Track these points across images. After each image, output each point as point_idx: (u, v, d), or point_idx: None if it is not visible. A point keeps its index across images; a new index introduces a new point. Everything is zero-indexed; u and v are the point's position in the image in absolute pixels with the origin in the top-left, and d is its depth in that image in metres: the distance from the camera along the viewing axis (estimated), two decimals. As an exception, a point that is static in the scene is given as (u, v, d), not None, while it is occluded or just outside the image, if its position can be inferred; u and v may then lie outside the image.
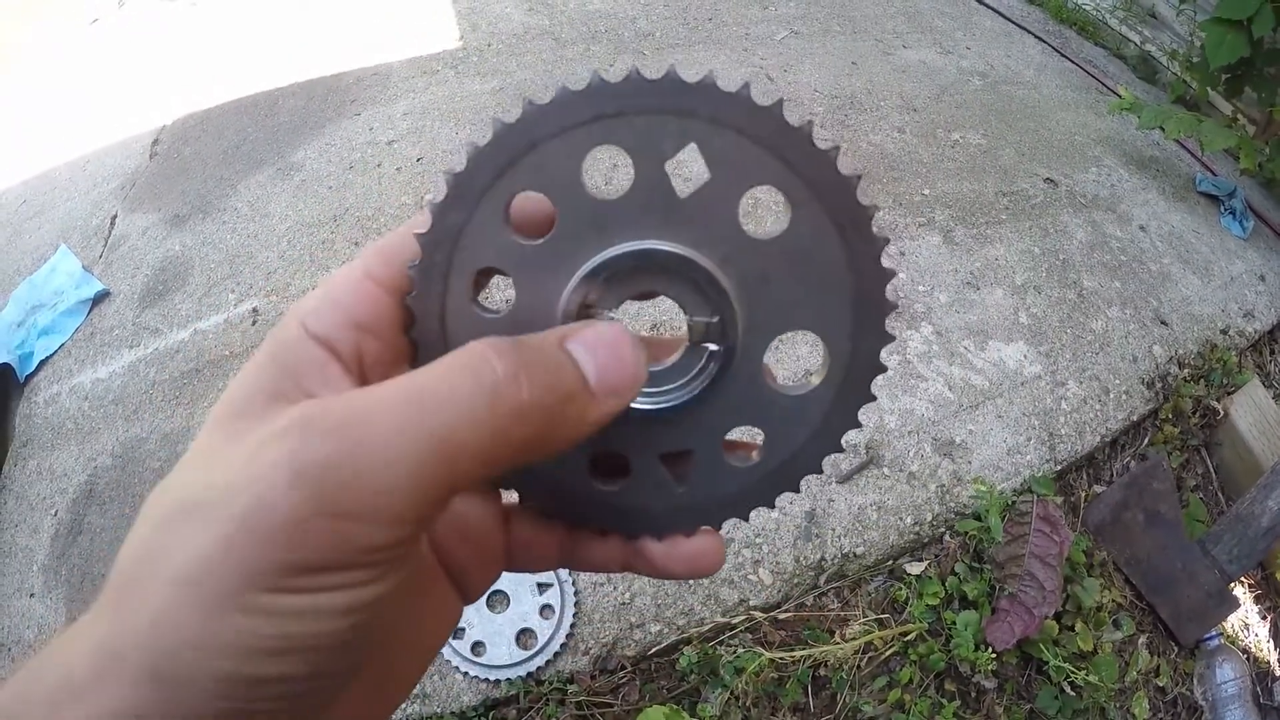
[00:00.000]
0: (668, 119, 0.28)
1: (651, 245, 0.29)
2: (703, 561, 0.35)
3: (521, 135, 0.28)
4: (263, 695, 0.22)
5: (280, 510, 0.22)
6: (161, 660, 0.22)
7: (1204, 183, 2.74)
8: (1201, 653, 1.76)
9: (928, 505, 1.72)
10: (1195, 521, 1.89)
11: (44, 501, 1.92)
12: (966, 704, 1.55)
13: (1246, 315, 2.31)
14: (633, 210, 0.29)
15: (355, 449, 0.22)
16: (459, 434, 0.23)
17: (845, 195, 0.29)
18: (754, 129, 0.29)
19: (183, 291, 2.29)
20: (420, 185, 2.43)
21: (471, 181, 0.29)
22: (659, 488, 0.33)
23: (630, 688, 1.48)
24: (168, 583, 0.22)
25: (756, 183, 0.29)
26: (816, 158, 0.29)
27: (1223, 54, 2.48)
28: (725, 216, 0.29)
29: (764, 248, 0.30)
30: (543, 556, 0.35)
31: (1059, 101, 3.04)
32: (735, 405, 0.32)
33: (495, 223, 0.29)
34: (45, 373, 2.21)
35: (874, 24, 3.35)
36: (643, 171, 0.29)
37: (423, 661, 0.33)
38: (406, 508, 0.23)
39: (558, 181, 0.29)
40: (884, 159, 2.55)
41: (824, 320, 0.31)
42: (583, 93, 0.28)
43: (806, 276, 0.30)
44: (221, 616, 0.21)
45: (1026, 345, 2.04)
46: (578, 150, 0.29)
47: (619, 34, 3.13)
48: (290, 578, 0.22)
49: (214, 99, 3.06)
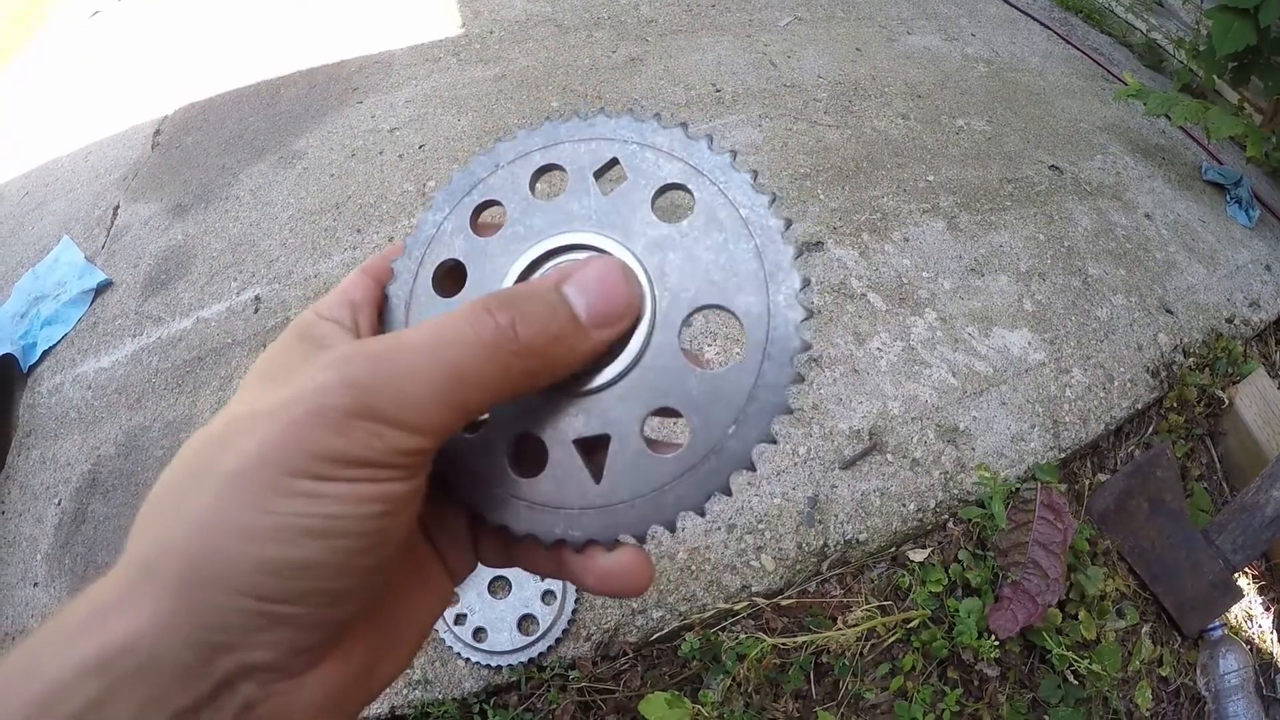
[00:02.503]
0: (597, 144, 0.36)
1: (575, 237, 0.35)
2: (621, 580, 0.33)
3: (488, 160, 0.37)
4: (289, 592, 0.26)
5: (335, 406, 0.27)
6: (195, 562, 0.25)
7: (1210, 171, 2.72)
8: (1205, 643, 1.76)
9: (931, 492, 1.71)
10: (1199, 511, 1.88)
11: (48, 491, 1.93)
12: (969, 692, 1.55)
13: (1252, 304, 2.29)
14: (566, 210, 0.35)
15: (392, 370, 0.28)
16: (469, 366, 0.29)
17: (740, 182, 0.34)
18: (662, 144, 0.35)
19: (185, 280, 2.29)
20: (422, 172, 2.43)
21: (449, 195, 0.37)
22: (575, 482, 0.32)
23: (632, 674, 1.48)
24: (218, 480, 0.26)
25: (665, 180, 0.35)
26: (715, 159, 0.34)
27: (1229, 42, 2.45)
28: (640, 211, 0.34)
29: (677, 232, 0.34)
30: (491, 558, 0.37)
31: (1064, 89, 3.01)
32: (652, 386, 0.32)
33: (462, 226, 0.36)
34: (49, 363, 2.21)
35: (878, 10, 3.33)
36: (573, 181, 0.36)
37: (419, 633, 0.35)
38: (429, 419, 0.28)
39: (511, 193, 0.36)
40: (888, 145, 2.53)
41: (737, 296, 0.33)
42: (535, 131, 0.37)
43: (717, 256, 0.33)
44: (270, 499, 0.26)
45: (1031, 332, 2.03)
46: (527, 168, 0.36)
47: (621, 20, 3.11)
48: (335, 467, 0.26)
49: (215, 88, 3.05)
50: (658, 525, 0.32)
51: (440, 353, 0.28)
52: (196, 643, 0.25)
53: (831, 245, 2.15)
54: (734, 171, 0.34)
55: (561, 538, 0.33)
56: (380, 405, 0.27)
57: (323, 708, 0.29)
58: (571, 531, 0.33)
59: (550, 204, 0.35)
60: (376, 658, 0.31)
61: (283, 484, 0.26)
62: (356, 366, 0.28)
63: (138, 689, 0.25)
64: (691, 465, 0.32)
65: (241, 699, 0.27)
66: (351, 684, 0.30)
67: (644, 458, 0.32)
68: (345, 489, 0.26)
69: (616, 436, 0.32)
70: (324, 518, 0.26)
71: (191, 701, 0.25)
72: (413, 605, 0.34)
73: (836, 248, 2.15)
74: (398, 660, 0.33)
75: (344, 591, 0.28)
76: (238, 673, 0.26)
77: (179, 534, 0.26)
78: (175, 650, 0.25)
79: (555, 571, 0.35)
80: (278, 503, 0.25)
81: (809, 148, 2.48)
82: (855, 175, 2.40)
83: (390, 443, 0.27)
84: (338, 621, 0.28)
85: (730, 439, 0.31)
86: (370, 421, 0.27)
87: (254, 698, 0.27)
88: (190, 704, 0.25)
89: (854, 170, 2.42)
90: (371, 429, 0.27)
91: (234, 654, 0.26)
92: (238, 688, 0.26)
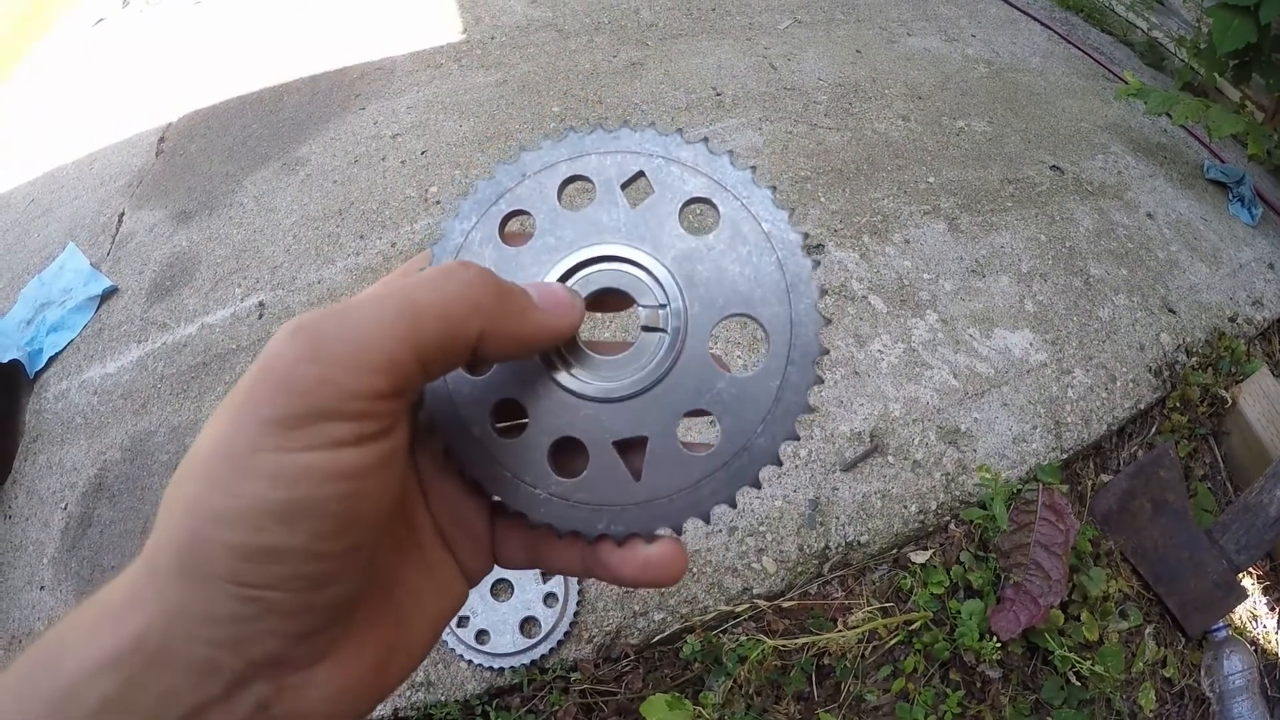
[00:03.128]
0: (623, 156, 0.37)
1: (607, 249, 0.36)
2: (661, 569, 0.35)
3: (515, 170, 0.37)
4: (269, 578, 0.26)
5: (284, 358, 0.26)
6: (183, 553, 0.26)
7: (1212, 170, 2.72)
8: (1209, 644, 1.75)
9: (932, 493, 1.71)
10: (1203, 511, 1.87)
11: (54, 495, 1.94)
12: (971, 694, 1.55)
13: (1255, 303, 2.29)
14: (595, 221, 0.36)
15: (340, 314, 0.27)
16: (423, 297, 0.28)
17: (762, 197, 0.36)
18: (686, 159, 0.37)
19: (190, 286, 2.30)
20: (424, 178, 2.44)
21: (476, 204, 0.37)
22: (615, 481, 0.35)
23: (634, 676, 1.48)
24: (194, 467, 0.26)
25: (690, 194, 0.36)
26: (737, 175, 0.36)
27: (1230, 40, 2.45)
28: (669, 223, 0.36)
29: (704, 244, 0.36)
30: (511, 557, 0.37)
31: (1065, 88, 3.01)
32: (686, 389, 0.35)
33: (490, 235, 0.36)
34: (55, 369, 2.23)
35: (878, 12, 3.33)
36: (600, 193, 0.37)
37: (431, 631, 0.35)
38: (378, 357, 0.27)
39: (540, 203, 0.36)
40: (889, 147, 2.54)
41: (762, 306, 0.35)
42: (560, 141, 0.37)
43: (743, 269, 0.35)
44: (235, 482, 0.25)
45: (1032, 333, 2.03)
46: (554, 179, 0.37)
47: (622, 25, 3.12)
48: (290, 430, 0.25)
49: (219, 96, 3.07)
50: (695, 517, 0.35)
51: (391, 286, 0.28)
52: (201, 638, 0.26)
53: (832, 247, 2.16)
54: (756, 187, 0.36)
55: (605, 532, 0.35)
56: (328, 348, 0.26)
57: (337, 704, 0.29)
58: (614, 526, 0.34)
59: (579, 215, 0.36)
60: (389, 654, 0.32)
61: (243, 463, 0.25)
62: (305, 318, 0.27)
63: (152, 684, 0.25)
64: (724, 462, 0.34)
65: (255, 699, 0.27)
66: (365, 679, 0.30)
67: (680, 456, 0.34)
68: (306, 461, 0.25)
69: (654, 437, 0.34)
70: (287, 500, 0.25)
71: (205, 699, 0.26)
72: (425, 603, 0.35)
73: (837, 250, 2.15)
74: (410, 657, 0.34)
75: (324, 574, 0.27)
76: (247, 671, 0.27)
77: (169, 527, 0.26)
78: (183, 645, 0.26)
79: (584, 571, 0.36)
80: (242, 485, 0.25)
81: (809, 150, 2.49)
82: (856, 177, 2.40)
83: (341, 385, 0.26)
84: (330, 606, 0.28)
85: (759, 437, 0.34)
86: (320, 366, 0.26)
87: (267, 697, 0.27)
88: (203, 701, 0.26)
89: (854, 172, 2.42)
90: (321, 374, 0.26)
91: (239, 650, 0.26)
92: (250, 687, 0.27)
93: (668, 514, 0.34)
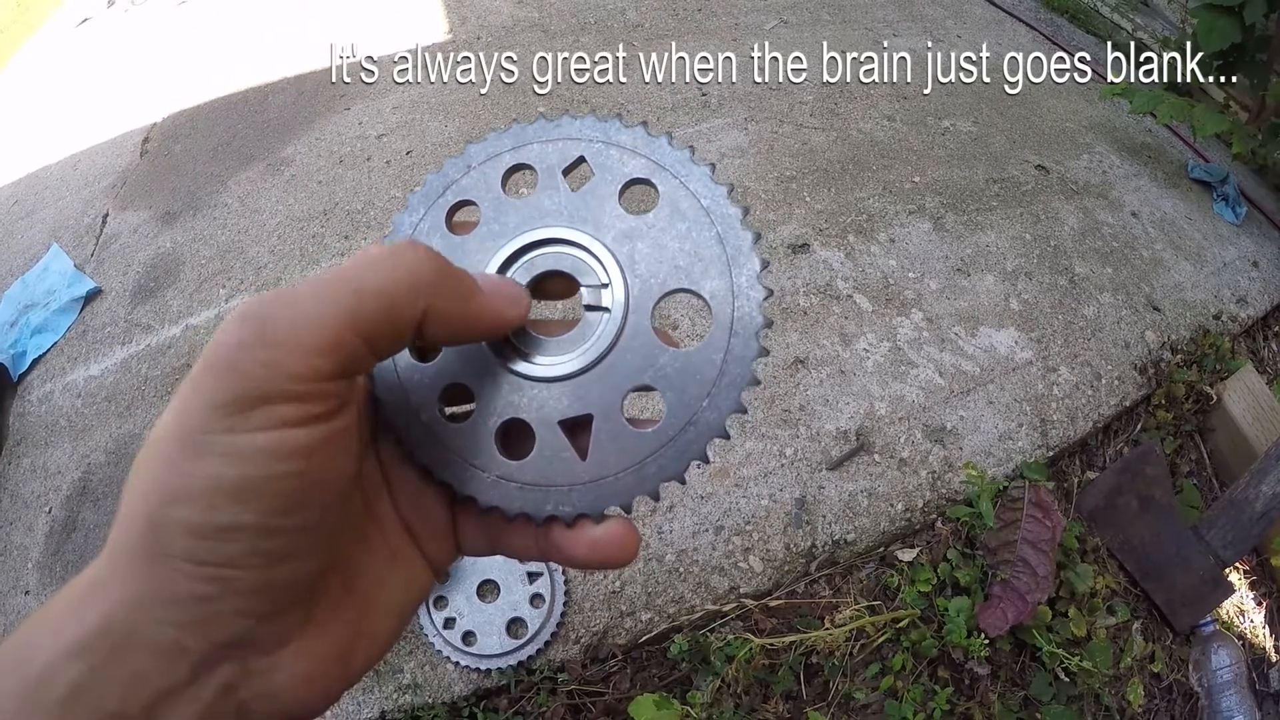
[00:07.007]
0: (564, 143, 0.38)
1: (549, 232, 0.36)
2: (610, 549, 0.34)
3: (460, 162, 0.38)
4: (224, 555, 0.26)
5: (228, 344, 0.27)
6: (143, 534, 0.26)
7: (1196, 169, 2.74)
8: (1196, 639, 1.76)
9: (919, 492, 1.71)
10: (1189, 507, 1.88)
11: (38, 499, 1.92)
12: (960, 691, 1.55)
13: (1240, 301, 2.30)
14: (538, 207, 0.37)
15: (286, 298, 0.27)
16: (366, 277, 0.28)
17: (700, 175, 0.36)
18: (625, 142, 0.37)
19: (174, 288, 2.29)
20: (410, 178, 2.43)
21: (423, 197, 0.38)
22: (562, 461, 0.34)
23: (621, 676, 1.48)
24: (152, 450, 0.27)
25: (629, 175, 0.37)
26: (675, 154, 0.36)
27: (1214, 40, 2.47)
28: (609, 204, 0.36)
29: (644, 223, 0.36)
30: (473, 544, 0.38)
31: (1050, 89, 3.02)
32: (629, 366, 0.35)
33: (438, 225, 0.37)
34: (38, 371, 2.21)
35: (864, 13, 3.34)
36: (543, 179, 0.37)
37: (396, 620, 0.35)
38: (321, 338, 0.27)
39: (484, 192, 0.37)
40: (874, 146, 2.54)
41: (703, 280, 0.35)
42: (504, 133, 0.38)
43: (682, 244, 0.35)
44: (192, 463, 0.26)
45: (1018, 331, 2.03)
46: (498, 168, 0.38)
47: (608, 25, 3.12)
48: (238, 413, 0.26)
49: (204, 96, 3.05)
50: (642, 495, 0.34)
51: (338, 270, 0.29)
52: (165, 621, 0.26)
53: (818, 247, 2.16)
54: (693, 165, 0.36)
55: (553, 514, 0.34)
56: (271, 331, 0.27)
57: (302, 688, 0.30)
58: (562, 507, 0.34)
59: (522, 201, 0.37)
60: (353, 641, 0.32)
61: (196, 445, 0.26)
62: (252, 303, 0.27)
63: (119, 669, 0.26)
64: (670, 438, 0.34)
65: (221, 681, 0.27)
66: (330, 665, 0.31)
67: (626, 433, 0.34)
68: (256, 441, 0.26)
69: (599, 415, 0.34)
70: (239, 478, 0.26)
71: (171, 683, 0.26)
72: (389, 592, 0.35)
73: (823, 249, 2.16)
74: (376, 645, 0.34)
75: (279, 550, 0.27)
76: (212, 653, 0.27)
77: (129, 512, 0.26)
78: (147, 628, 0.26)
79: (539, 554, 0.36)
80: (195, 465, 0.26)
81: (795, 150, 2.49)
82: (841, 177, 2.41)
83: (284, 367, 0.27)
84: (289, 585, 0.28)
85: (705, 411, 0.34)
86: (264, 349, 0.26)
87: (233, 679, 0.28)
88: (170, 685, 0.26)
89: (840, 172, 2.42)
90: (263, 357, 0.26)
91: (203, 632, 0.27)
92: (216, 669, 0.27)
93: (615, 492, 0.34)
